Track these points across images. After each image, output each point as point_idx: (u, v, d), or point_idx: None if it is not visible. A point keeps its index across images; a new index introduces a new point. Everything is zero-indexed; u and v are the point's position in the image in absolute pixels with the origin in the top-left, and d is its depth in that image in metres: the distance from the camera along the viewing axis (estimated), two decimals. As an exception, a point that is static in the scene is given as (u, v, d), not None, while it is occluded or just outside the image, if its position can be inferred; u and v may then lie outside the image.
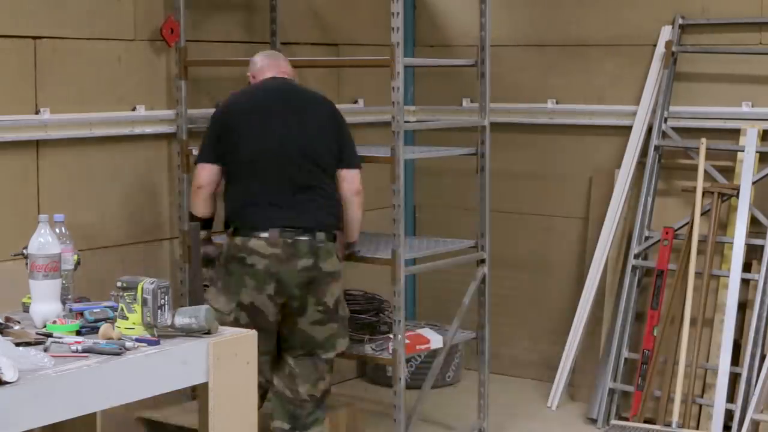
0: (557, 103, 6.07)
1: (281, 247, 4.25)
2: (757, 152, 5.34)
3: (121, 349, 3.02)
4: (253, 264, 4.25)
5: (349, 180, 4.46)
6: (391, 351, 4.75)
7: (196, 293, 3.69)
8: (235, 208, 4.36)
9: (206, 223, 4.45)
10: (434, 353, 5.20)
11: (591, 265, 5.78)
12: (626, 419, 5.41)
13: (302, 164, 4.33)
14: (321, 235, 4.31)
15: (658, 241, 5.49)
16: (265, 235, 4.25)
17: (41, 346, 3.03)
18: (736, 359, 5.23)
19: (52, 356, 2.93)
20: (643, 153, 5.68)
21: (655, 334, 5.40)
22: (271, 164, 4.32)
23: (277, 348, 4.40)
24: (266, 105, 4.41)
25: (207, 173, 4.39)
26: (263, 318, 4.25)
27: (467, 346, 6.02)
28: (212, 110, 4.65)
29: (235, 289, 4.27)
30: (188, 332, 3.19)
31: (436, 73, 6.37)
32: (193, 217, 4.43)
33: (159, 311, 3.16)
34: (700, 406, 5.31)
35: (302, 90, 4.57)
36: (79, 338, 3.12)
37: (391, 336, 4.77)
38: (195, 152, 4.61)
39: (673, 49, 5.62)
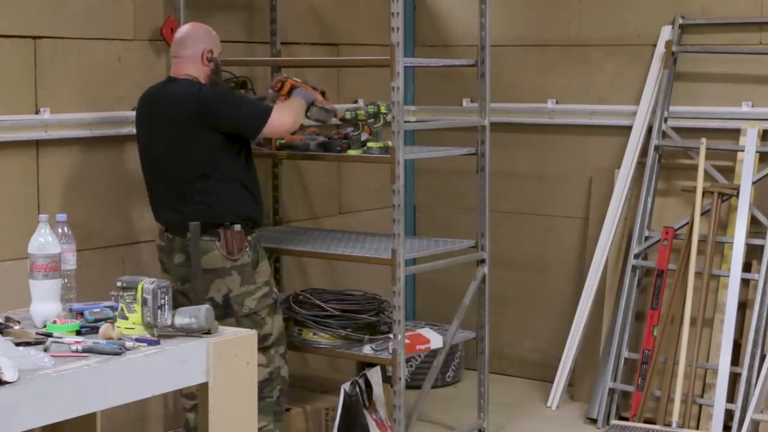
0: (557, 103, 6.07)
1: (165, 241, 4.54)
2: (757, 152, 5.34)
3: (121, 349, 3.02)
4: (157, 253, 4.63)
5: (259, 137, 4.57)
6: (391, 351, 4.75)
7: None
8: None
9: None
10: (434, 353, 5.20)
11: (591, 265, 5.78)
12: (626, 419, 5.41)
13: (171, 181, 4.45)
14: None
15: (658, 241, 5.50)
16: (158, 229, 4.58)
17: (41, 346, 3.03)
18: (736, 359, 5.23)
19: (52, 356, 2.93)
20: (643, 153, 5.68)
21: (655, 334, 5.40)
22: (152, 179, 4.55)
23: None
24: (143, 115, 4.54)
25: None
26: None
27: (467, 345, 6.02)
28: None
29: None
30: (188, 332, 3.19)
31: (436, 73, 6.37)
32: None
33: (159, 311, 3.16)
34: (700, 406, 5.32)
35: (170, 96, 4.44)
36: (79, 338, 3.12)
37: (391, 336, 4.77)
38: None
39: (673, 49, 5.62)
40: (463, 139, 5.38)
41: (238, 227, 4.47)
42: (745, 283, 5.32)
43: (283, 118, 4.46)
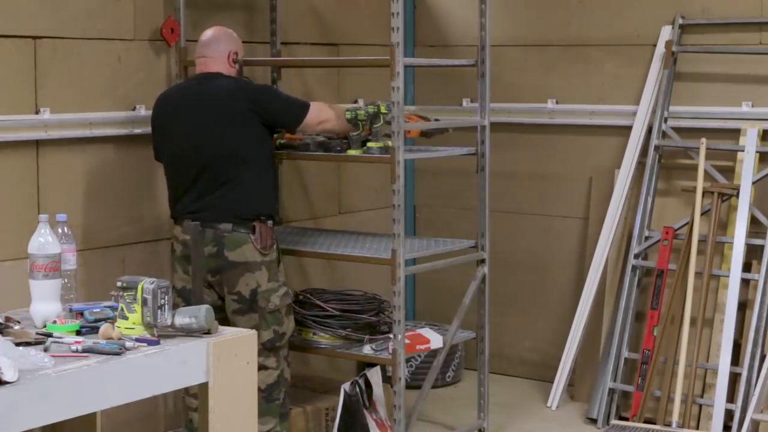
0: (557, 103, 6.07)
1: (190, 234, 4.46)
2: (757, 152, 5.34)
3: (121, 349, 3.02)
4: (175, 250, 4.62)
5: (299, 129, 4.73)
6: (391, 351, 4.75)
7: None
8: (169, 197, 4.66)
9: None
10: (434, 353, 5.20)
11: (591, 265, 5.78)
12: (626, 419, 5.41)
13: (210, 165, 4.49)
14: (228, 226, 4.48)
15: (658, 241, 5.50)
16: (181, 223, 4.56)
17: (41, 346, 3.03)
18: (736, 359, 5.23)
19: (52, 356, 2.93)
20: (643, 153, 5.68)
21: (655, 334, 5.40)
22: (184, 166, 4.55)
23: None
24: (172, 112, 4.60)
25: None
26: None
27: (467, 345, 6.02)
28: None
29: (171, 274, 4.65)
30: (188, 332, 3.19)
31: (436, 73, 6.37)
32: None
33: (159, 311, 3.16)
34: (700, 406, 5.32)
35: (214, 87, 4.56)
36: (79, 338, 3.12)
37: (391, 336, 4.77)
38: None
39: (673, 49, 5.62)
40: (463, 139, 5.38)
41: (270, 222, 4.57)
42: (745, 283, 5.32)
43: (321, 114, 4.66)
